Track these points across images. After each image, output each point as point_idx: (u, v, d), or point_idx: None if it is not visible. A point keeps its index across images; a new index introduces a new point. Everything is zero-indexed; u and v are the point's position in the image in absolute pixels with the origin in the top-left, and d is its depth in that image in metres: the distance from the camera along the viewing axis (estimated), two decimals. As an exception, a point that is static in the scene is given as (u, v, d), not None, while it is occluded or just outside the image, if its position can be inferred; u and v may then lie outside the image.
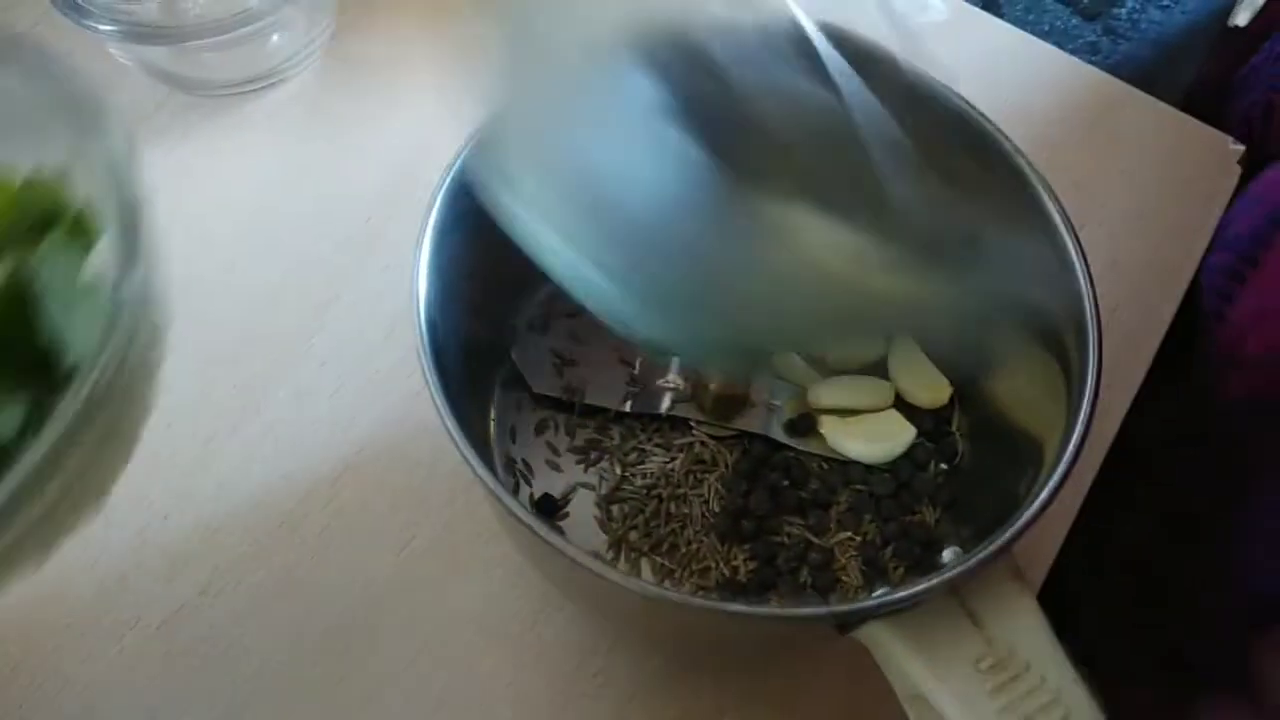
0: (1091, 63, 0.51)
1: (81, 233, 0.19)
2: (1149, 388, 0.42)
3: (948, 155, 0.35)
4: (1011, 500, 0.31)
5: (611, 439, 0.37)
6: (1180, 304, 0.44)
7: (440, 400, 0.28)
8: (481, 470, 0.27)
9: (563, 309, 0.39)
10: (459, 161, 0.32)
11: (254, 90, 0.45)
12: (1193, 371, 0.43)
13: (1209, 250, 0.46)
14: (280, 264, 0.42)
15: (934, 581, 0.27)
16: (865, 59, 0.34)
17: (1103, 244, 0.45)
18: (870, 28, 0.35)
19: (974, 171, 0.34)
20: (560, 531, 0.35)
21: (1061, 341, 0.32)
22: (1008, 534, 0.27)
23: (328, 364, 0.40)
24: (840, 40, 0.33)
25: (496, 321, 0.38)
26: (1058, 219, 0.32)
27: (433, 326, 0.30)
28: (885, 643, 0.27)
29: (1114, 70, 0.51)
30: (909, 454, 0.36)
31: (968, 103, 0.34)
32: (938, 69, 0.34)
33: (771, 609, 0.28)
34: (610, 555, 0.35)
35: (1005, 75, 0.51)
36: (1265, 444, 0.38)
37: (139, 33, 0.40)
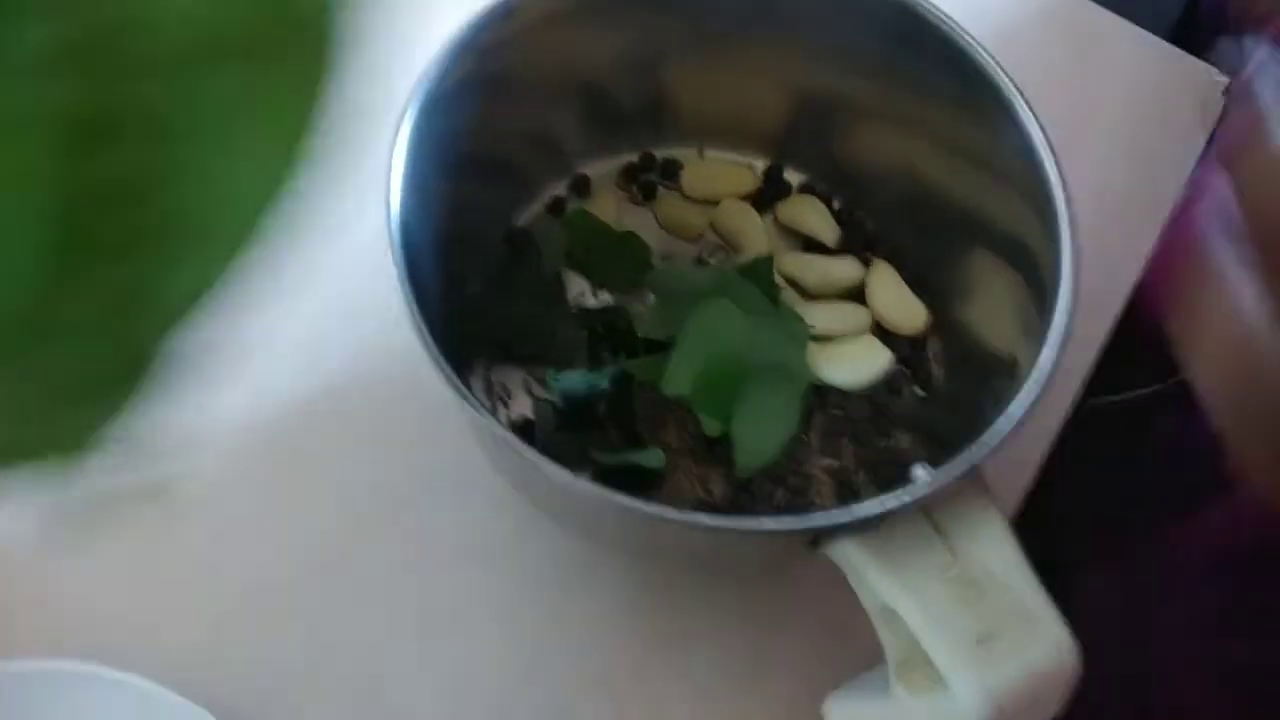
0: (1078, -8, 0.51)
1: None
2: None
3: (926, 72, 0.35)
4: (986, 424, 0.32)
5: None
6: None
7: (420, 323, 0.28)
8: (462, 391, 0.27)
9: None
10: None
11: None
12: None
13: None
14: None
15: (905, 500, 0.27)
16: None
17: (1087, 173, 0.45)
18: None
19: (951, 88, 0.34)
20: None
21: (1037, 263, 0.32)
22: (978, 451, 0.27)
23: (298, 291, 0.40)
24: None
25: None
26: (1033, 132, 0.32)
27: (409, 251, 0.30)
28: (855, 558, 0.28)
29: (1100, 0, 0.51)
30: (885, 379, 0.37)
31: (948, 19, 0.34)
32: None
33: (746, 523, 0.29)
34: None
35: (991, 2, 0.50)
36: None
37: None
